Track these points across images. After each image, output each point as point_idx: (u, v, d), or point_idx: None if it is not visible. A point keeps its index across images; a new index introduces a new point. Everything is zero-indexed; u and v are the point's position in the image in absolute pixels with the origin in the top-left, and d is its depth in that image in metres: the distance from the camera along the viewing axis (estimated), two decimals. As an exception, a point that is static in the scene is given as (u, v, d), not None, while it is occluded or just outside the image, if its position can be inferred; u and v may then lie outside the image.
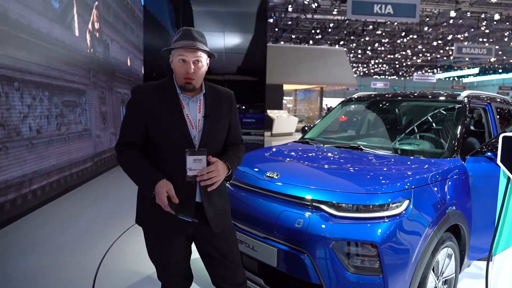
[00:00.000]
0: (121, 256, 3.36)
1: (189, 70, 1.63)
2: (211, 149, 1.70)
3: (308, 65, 17.81)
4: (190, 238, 1.79)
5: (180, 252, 1.77)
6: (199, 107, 1.72)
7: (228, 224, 1.84)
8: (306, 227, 1.96)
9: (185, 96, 1.71)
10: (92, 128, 6.33)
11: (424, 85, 42.53)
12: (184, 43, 1.63)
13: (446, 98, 3.07)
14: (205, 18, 10.15)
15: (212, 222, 1.72)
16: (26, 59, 4.24)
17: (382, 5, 11.93)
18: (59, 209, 4.70)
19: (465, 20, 19.38)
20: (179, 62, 1.65)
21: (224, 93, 1.83)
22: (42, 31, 4.59)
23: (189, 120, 1.68)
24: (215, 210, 1.74)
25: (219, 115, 1.76)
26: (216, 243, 1.77)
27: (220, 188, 1.80)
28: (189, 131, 1.66)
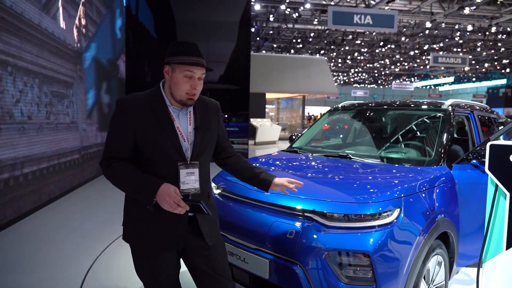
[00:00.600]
0: (107, 271, 3.24)
1: (196, 87, 1.61)
2: (203, 161, 1.68)
3: (291, 74, 18.01)
4: (180, 253, 1.75)
5: (170, 268, 1.72)
6: (189, 119, 1.69)
7: (218, 236, 1.82)
8: (298, 238, 1.95)
9: (175, 108, 1.67)
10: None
11: (402, 93, 43.64)
12: (195, 59, 1.59)
13: (431, 107, 3.14)
14: (188, 27, 10.13)
15: (206, 235, 1.69)
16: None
17: (361, 16, 12.23)
18: (39, 221, 4.52)
19: (440, 31, 20.09)
20: (185, 78, 1.60)
21: (211, 105, 1.82)
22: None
23: (180, 133, 1.64)
24: (207, 222, 1.72)
25: (209, 127, 1.75)
26: (207, 257, 1.74)
27: (211, 200, 1.79)
28: (181, 144, 1.63)
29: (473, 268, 2.94)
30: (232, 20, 10.46)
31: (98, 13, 7.46)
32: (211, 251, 1.74)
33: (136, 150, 1.63)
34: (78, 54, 6.36)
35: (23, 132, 4.55)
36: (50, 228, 4.36)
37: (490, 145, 1.60)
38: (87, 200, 5.81)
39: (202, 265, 1.73)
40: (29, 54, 4.65)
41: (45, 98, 5.11)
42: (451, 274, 2.50)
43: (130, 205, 1.70)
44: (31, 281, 3.03)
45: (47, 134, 5.20)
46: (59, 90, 5.58)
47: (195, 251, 1.72)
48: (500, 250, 1.64)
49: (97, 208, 5.31)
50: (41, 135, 5.03)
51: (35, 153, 4.85)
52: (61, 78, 5.65)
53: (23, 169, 4.57)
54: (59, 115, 5.59)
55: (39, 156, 4.96)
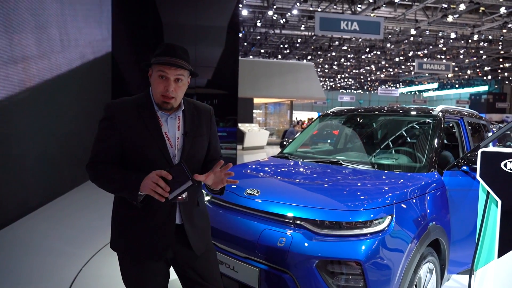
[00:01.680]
0: (93, 281, 3.15)
1: (169, 88, 1.54)
2: (191, 168, 1.62)
3: (278, 79, 18.06)
4: (168, 262, 1.70)
5: (159, 278, 1.67)
6: (178, 125, 1.64)
7: (209, 246, 1.77)
8: (289, 246, 1.92)
9: (163, 113, 1.62)
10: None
11: (388, 99, 44.26)
12: (167, 59, 1.53)
13: (421, 113, 3.16)
14: (175, 31, 10.06)
15: (194, 245, 1.65)
16: None
17: (348, 22, 12.39)
18: (22, 229, 4.37)
19: (424, 38, 20.50)
20: (158, 78, 1.55)
21: (204, 109, 1.77)
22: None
23: (168, 138, 1.60)
24: (196, 232, 1.67)
25: (199, 132, 1.70)
26: (198, 266, 1.69)
27: (201, 208, 1.74)
28: (168, 150, 1.58)
29: (464, 275, 2.95)
30: (220, 24, 10.44)
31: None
32: (202, 260, 1.70)
33: (122, 155, 1.58)
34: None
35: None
36: (35, 236, 4.22)
37: (481, 152, 1.60)
38: (74, 206, 5.66)
39: (192, 275, 1.69)
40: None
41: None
42: (443, 281, 2.50)
43: (117, 213, 1.65)
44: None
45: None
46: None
47: (185, 261, 1.67)
48: (492, 258, 1.64)
49: (83, 214, 5.18)
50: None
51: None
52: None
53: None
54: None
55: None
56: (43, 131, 5.49)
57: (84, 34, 7.34)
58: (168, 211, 1.59)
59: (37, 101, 5.29)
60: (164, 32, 9.99)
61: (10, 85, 4.48)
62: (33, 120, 5.16)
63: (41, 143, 5.44)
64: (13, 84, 4.56)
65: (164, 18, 9.97)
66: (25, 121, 4.92)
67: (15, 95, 4.63)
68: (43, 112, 5.50)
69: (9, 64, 4.47)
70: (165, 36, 9.98)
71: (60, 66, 6.09)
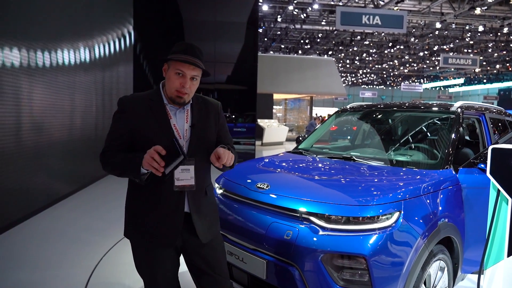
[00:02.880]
0: (113, 268, 3.27)
1: (185, 85, 1.64)
2: (199, 159, 1.69)
3: (298, 75, 17.96)
4: (178, 250, 1.77)
5: (168, 265, 1.74)
6: (186, 117, 1.73)
7: (216, 235, 1.83)
8: (295, 239, 1.95)
9: (172, 107, 1.71)
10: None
11: (412, 94, 43.24)
12: (187, 58, 1.63)
13: (439, 109, 3.10)
14: (195, 27, 10.17)
15: (200, 233, 1.71)
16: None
17: (370, 16, 12.12)
18: (46, 220, 4.58)
19: (450, 31, 19.85)
20: (175, 75, 1.64)
21: (212, 104, 1.85)
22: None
23: (176, 130, 1.68)
24: (203, 220, 1.73)
25: (206, 124, 1.78)
26: (205, 254, 1.76)
27: (209, 197, 1.80)
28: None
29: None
30: (239, 20, 10.47)
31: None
32: (209, 249, 1.76)
33: (133, 146, 1.68)
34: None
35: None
36: (60, 225, 4.41)
37: (492, 148, 1.56)
38: (96, 198, 5.86)
39: (199, 263, 1.76)
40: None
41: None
42: (456, 280, 2.46)
43: (130, 201, 1.74)
44: (40, 277, 3.06)
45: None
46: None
47: (193, 249, 1.75)
48: (501, 257, 1.61)
49: (105, 206, 5.36)
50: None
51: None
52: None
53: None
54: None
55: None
56: (68, 125, 5.70)
57: (108, 33, 7.54)
58: (177, 200, 1.66)
59: (64, 95, 5.49)
60: (184, 28, 10.11)
61: (47, 83, 4.68)
62: (59, 114, 5.37)
63: (67, 136, 5.65)
64: (49, 82, 4.76)
65: (184, 14, 10.08)
66: (53, 115, 5.13)
67: (46, 90, 4.83)
68: (69, 106, 5.70)
69: (51, 68, 4.66)
70: (185, 32, 10.10)
71: (85, 63, 6.29)
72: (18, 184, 4.34)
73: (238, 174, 2.70)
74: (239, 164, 3.07)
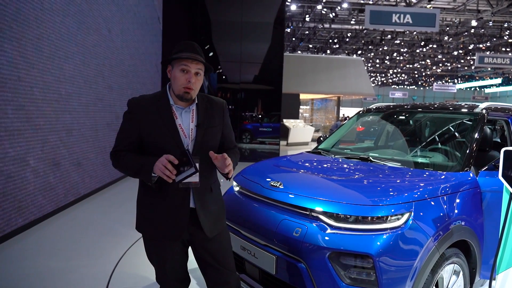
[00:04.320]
0: (137, 259, 3.43)
1: (191, 80, 1.71)
2: (204, 157, 1.75)
3: (325, 75, 17.80)
4: (186, 243, 1.86)
5: (176, 257, 1.83)
6: (192, 117, 1.79)
7: (222, 229, 1.89)
8: (303, 237, 1.98)
9: (178, 107, 1.78)
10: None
11: (445, 95, 41.69)
12: (188, 54, 1.71)
13: (463, 110, 3.02)
14: (222, 27, 10.32)
15: (205, 227, 1.78)
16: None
17: (400, 15, 11.81)
18: (73, 215, 4.83)
19: (487, 30, 19.02)
20: (180, 72, 1.71)
21: (216, 103, 1.90)
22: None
23: (182, 129, 1.75)
24: (209, 215, 1.80)
25: (211, 124, 1.83)
26: (210, 248, 1.83)
27: (214, 193, 1.87)
28: (182, 140, 1.73)
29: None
30: (266, 20, 10.52)
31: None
32: (214, 243, 1.84)
33: (141, 145, 1.77)
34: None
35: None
36: (88, 219, 4.65)
37: (504, 151, 1.53)
38: (122, 195, 6.11)
39: (205, 256, 1.84)
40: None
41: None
42: (473, 285, 2.40)
43: (140, 197, 1.84)
44: (66, 266, 3.26)
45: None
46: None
47: (199, 243, 1.83)
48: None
49: (131, 203, 5.58)
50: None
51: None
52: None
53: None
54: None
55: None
56: (96, 124, 5.97)
57: (137, 35, 7.82)
58: (183, 196, 1.74)
59: (90, 95, 5.76)
60: (211, 29, 10.29)
61: (80, 84, 4.96)
62: (87, 113, 5.64)
63: (94, 136, 5.92)
64: (83, 83, 5.03)
65: (212, 15, 10.27)
66: (82, 114, 5.40)
67: (77, 91, 5.10)
68: (96, 106, 5.98)
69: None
70: (213, 33, 10.28)
71: (116, 66, 6.56)
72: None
73: (254, 172, 2.77)
74: (256, 163, 3.13)
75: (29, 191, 4.10)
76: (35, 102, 4.16)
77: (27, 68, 3.98)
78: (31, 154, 4.12)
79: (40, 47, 4.20)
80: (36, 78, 4.15)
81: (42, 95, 4.29)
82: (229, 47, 10.39)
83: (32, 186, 4.14)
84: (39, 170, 4.28)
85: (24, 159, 4.00)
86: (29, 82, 4.03)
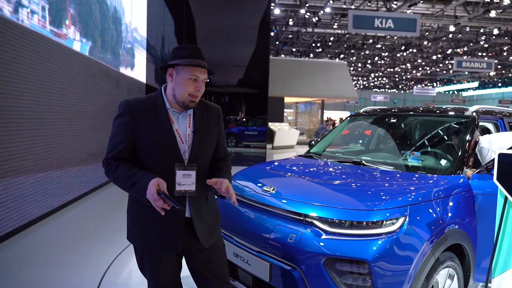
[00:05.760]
0: (126, 267, 3.34)
1: (200, 89, 1.65)
2: (201, 164, 1.70)
3: (310, 78, 17.94)
4: (179, 254, 1.78)
5: (170, 268, 1.76)
6: (189, 122, 1.72)
7: (217, 239, 1.83)
8: (298, 243, 1.95)
9: (174, 111, 1.70)
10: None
11: (424, 98, 42.66)
12: (198, 62, 1.63)
13: (454, 113, 3.05)
14: (207, 31, 10.28)
15: (201, 237, 1.71)
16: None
17: (382, 20, 12.05)
18: (60, 221, 4.68)
19: (464, 35, 19.60)
20: (189, 80, 1.63)
21: (213, 108, 1.84)
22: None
23: (179, 135, 1.68)
24: (204, 225, 1.73)
25: (208, 129, 1.77)
26: (205, 258, 1.76)
27: (210, 203, 1.81)
28: (179, 146, 1.67)
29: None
30: (251, 24, 10.54)
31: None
32: (210, 253, 1.76)
33: (136, 151, 1.67)
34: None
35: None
36: (75, 226, 4.51)
37: (499, 154, 1.56)
38: (112, 199, 5.97)
39: (200, 267, 1.76)
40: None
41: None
42: (468, 288, 2.41)
43: (131, 207, 1.75)
44: (54, 275, 3.13)
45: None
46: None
47: (194, 253, 1.75)
48: (509, 266, 1.59)
49: (121, 208, 5.46)
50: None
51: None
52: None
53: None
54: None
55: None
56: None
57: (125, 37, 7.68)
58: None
59: (91, 102, 5.63)
60: (196, 32, 10.23)
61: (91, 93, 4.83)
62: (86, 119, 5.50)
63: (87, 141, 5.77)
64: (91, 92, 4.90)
65: (197, 18, 10.21)
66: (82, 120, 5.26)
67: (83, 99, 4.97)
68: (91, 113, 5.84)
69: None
70: (198, 36, 10.22)
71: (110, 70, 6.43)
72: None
73: (247, 177, 2.74)
74: (248, 168, 3.11)
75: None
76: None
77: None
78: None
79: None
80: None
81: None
82: (214, 51, 10.35)
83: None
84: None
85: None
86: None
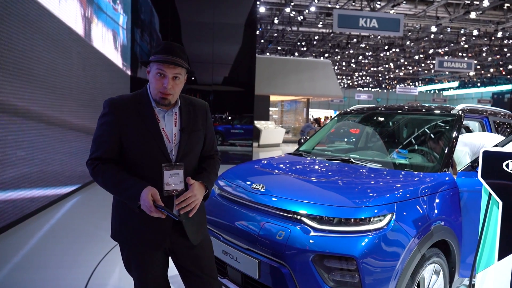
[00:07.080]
0: (113, 268, 3.30)
1: (167, 85, 1.60)
2: (188, 163, 1.69)
3: (295, 77, 18.02)
4: (167, 252, 1.77)
5: (157, 267, 1.75)
6: (175, 120, 1.70)
7: (205, 235, 1.84)
8: (286, 240, 1.97)
9: (160, 110, 1.68)
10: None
11: (407, 97, 43.45)
12: (165, 57, 1.59)
13: (440, 111, 3.11)
14: (193, 29, 10.19)
15: (190, 235, 1.71)
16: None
17: (367, 19, 12.20)
18: (44, 221, 4.58)
19: (445, 35, 20.04)
20: (156, 75, 1.61)
21: (199, 105, 1.82)
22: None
23: (165, 134, 1.66)
24: (192, 223, 1.73)
25: (195, 127, 1.75)
26: (193, 256, 1.76)
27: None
28: (166, 146, 1.64)
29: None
30: (237, 22, 10.51)
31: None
32: (197, 250, 1.77)
33: (121, 150, 1.64)
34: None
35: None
36: (61, 225, 4.42)
37: (484, 151, 1.59)
38: (96, 199, 5.87)
39: (188, 265, 1.76)
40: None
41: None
42: (453, 284, 2.46)
43: (117, 204, 1.73)
44: (40, 277, 3.07)
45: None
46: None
47: (182, 250, 1.74)
48: (492, 262, 1.63)
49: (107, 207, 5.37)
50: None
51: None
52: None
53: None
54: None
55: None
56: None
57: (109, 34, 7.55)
58: (166, 205, 1.63)
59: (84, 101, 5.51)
60: (182, 30, 10.13)
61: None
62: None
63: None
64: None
65: (182, 15, 10.11)
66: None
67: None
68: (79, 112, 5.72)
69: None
70: (183, 33, 10.12)
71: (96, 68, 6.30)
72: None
73: (236, 175, 2.74)
74: (237, 166, 3.11)
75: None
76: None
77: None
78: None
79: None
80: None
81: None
82: (200, 48, 10.28)
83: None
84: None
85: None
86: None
